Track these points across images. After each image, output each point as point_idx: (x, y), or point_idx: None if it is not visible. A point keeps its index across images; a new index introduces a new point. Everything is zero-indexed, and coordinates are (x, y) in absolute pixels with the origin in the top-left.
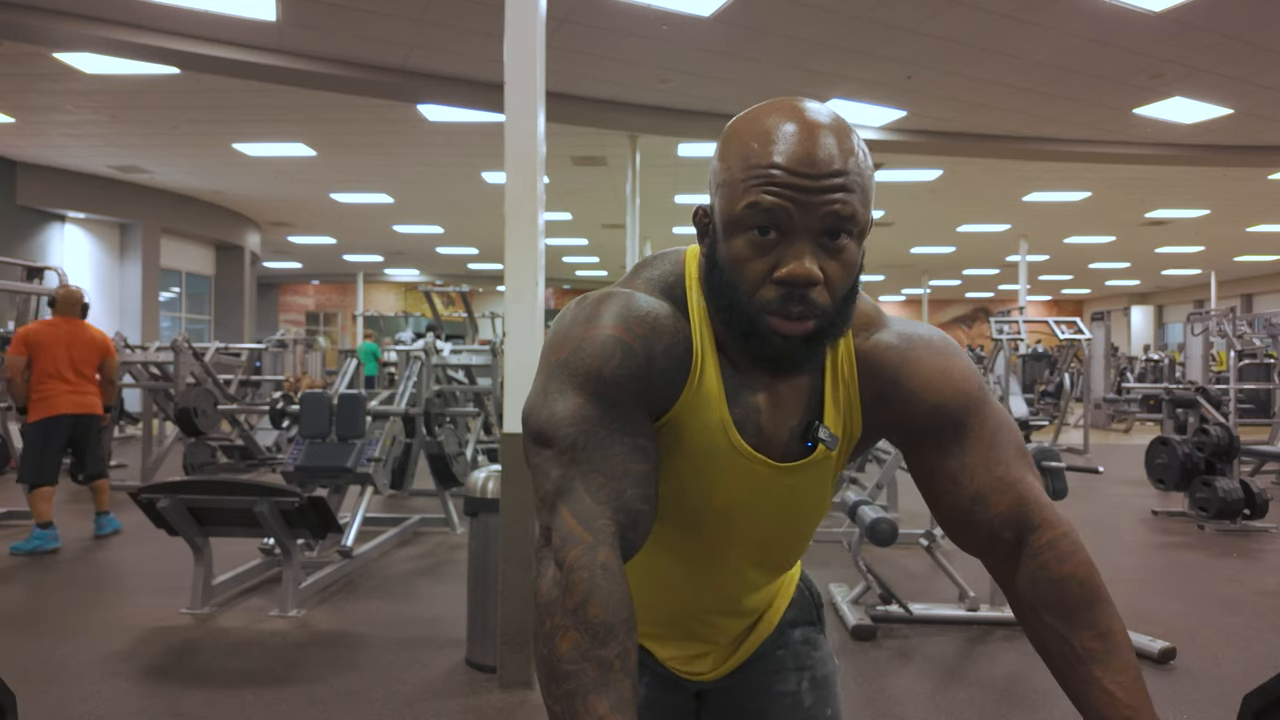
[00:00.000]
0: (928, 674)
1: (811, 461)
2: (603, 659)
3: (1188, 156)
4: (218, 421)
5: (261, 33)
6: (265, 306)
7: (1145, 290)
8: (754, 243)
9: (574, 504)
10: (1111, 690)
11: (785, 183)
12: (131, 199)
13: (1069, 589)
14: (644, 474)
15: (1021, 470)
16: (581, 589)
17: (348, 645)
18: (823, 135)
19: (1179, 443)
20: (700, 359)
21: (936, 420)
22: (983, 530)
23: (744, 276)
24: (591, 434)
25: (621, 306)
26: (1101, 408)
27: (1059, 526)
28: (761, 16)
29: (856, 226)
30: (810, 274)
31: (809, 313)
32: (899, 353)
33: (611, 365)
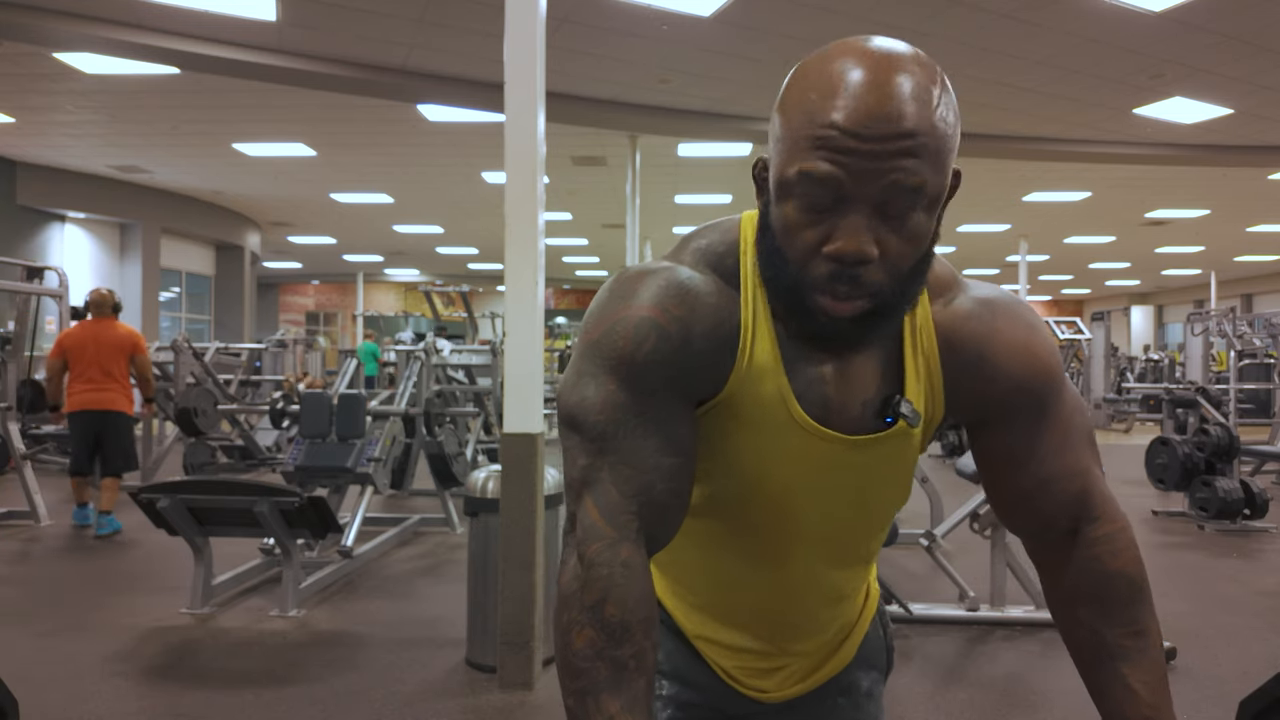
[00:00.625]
0: (928, 674)
1: (888, 437)
2: (617, 659)
3: (1188, 156)
4: (218, 421)
5: (261, 33)
6: (265, 306)
7: (1145, 290)
8: (806, 210)
9: (599, 496)
10: (1135, 689)
11: (842, 146)
12: (131, 199)
13: (1117, 584)
14: (675, 467)
15: (1090, 460)
16: (600, 586)
17: (348, 645)
18: (893, 86)
19: (1179, 443)
20: (750, 332)
21: (1017, 399)
22: (1041, 516)
23: (793, 246)
24: (622, 423)
25: (660, 284)
26: (1101, 408)
27: (1118, 521)
28: (761, 16)
29: (924, 197)
30: (862, 252)
31: (858, 293)
32: (984, 324)
33: (644, 350)
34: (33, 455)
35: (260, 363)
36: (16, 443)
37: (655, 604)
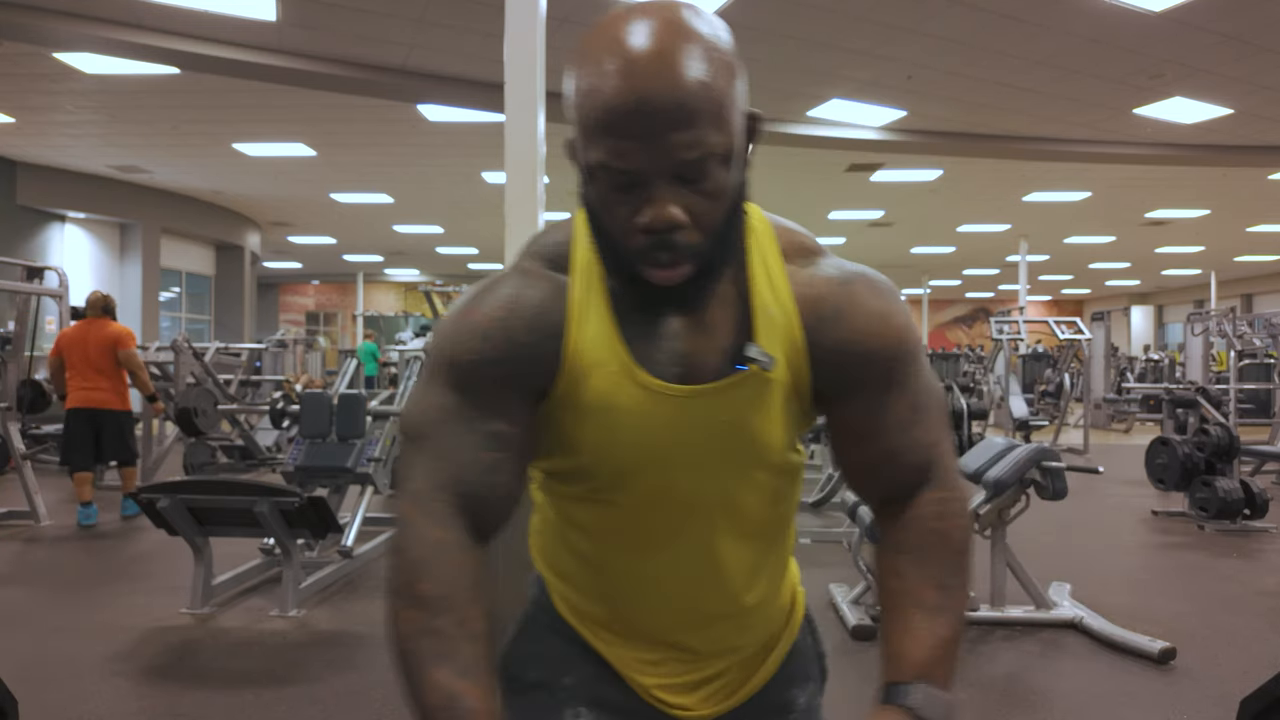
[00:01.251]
0: None
1: (741, 382)
2: (438, 628)
3: (1188, 156)
4: (218, 421)
5: (261, 33)
6: (265, 306)
7: (1145, 290)
8: (612, 190)
9: (411, 489)
10: (920, 635)
11: (618, 135)
12: (131, 199)
13: (935, 541)
14: (495, 461)
15: (939, 433)
16: (410, 568)
17: (348, 645)
18: (650, 63)
19: (1179, 443)
20: (578, 315)
21: (868, 366)
22: (887, 485)
23: (612, 222)
24: (441, 422)
25: (482, 291)
26: (1101, 408)
27: (955, 491)
28: (761, 16)
29: (713, 158)
30: (669, 219)
31: (678, 258)
32: (843, 286)
33: (465, 353)
34: (33, 455)
35: (260, 363)
36: (16, 443)
37: (478, 576)
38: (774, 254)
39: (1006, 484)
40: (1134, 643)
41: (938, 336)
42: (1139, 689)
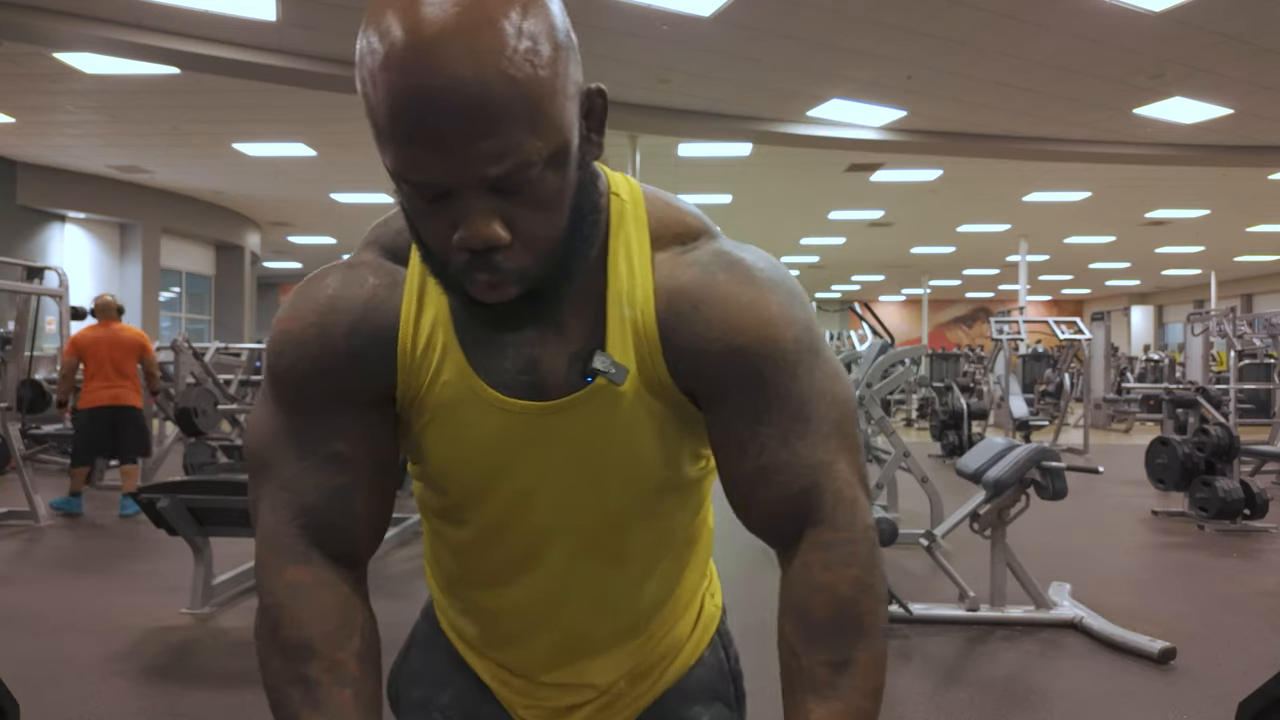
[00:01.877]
0: (928, 674)
1: (589, 397)
2: (305, 677)
3: (1188, 156)
4: (218, 421)
5: (262, 33)
6: (265, 306)
7: (1145, 290)
8: (421, 201)
9: (261, 525)
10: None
11: (410, 139)
12: (131, 199)
13: (819, 601)
14: (343, 486)
15: (829, 452)
16: (271, 615)
17: None
18: (439, 47)
19: (1179, 443)
20: (413, 314)
21: (731, 367)
22: (761, 511)
23: (427, 235)
24: (277, 446)
25: (301, 290)
26: (1101, 408)
27: (844, 530)
28: (761, 16)
29: (534, 165)
30: (483, 238)
31: (499, 279)
32: (707, 273)
33: (284, 364)
34: (33, 455)
35: (260, 363)
36: (16, 443)
37: (348, 614)
38: (641, 242)
39: (1006, 484)
40: (1134, 643)
41: (938, 336)
42: (1139, 689)
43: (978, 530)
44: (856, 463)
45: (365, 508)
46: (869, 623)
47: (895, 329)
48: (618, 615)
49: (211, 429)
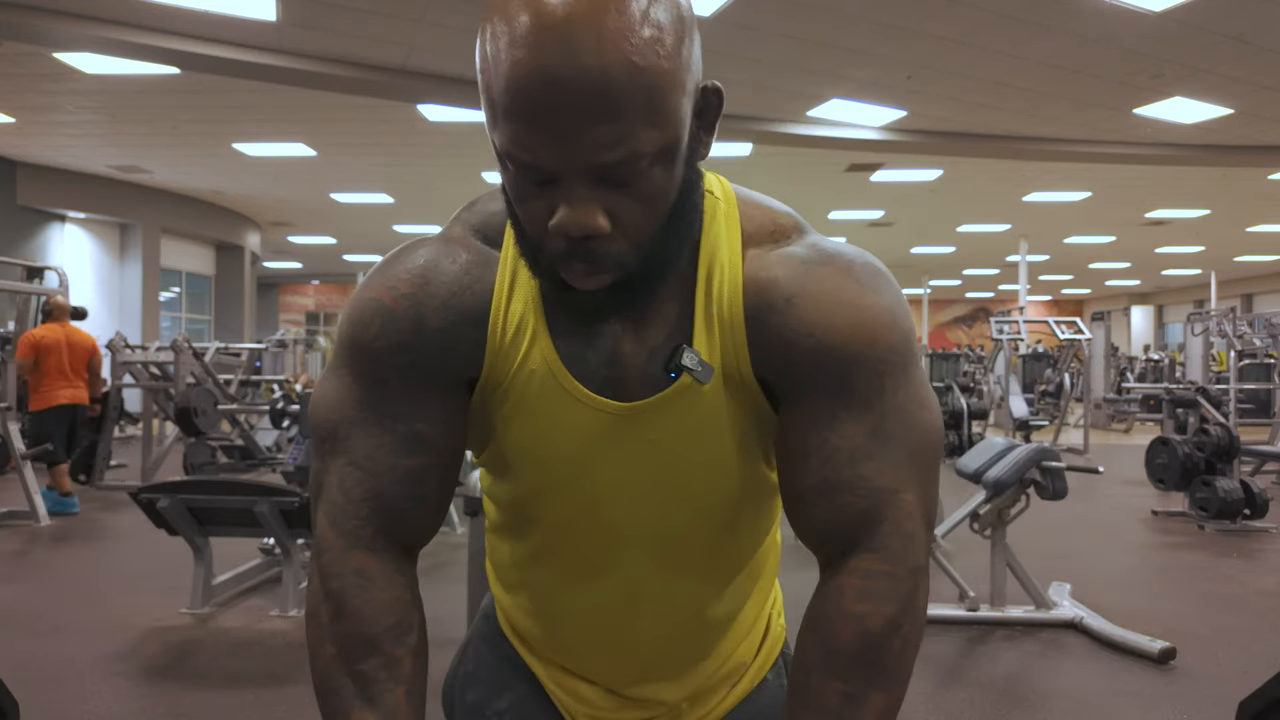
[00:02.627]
0: (928, 674)
1: (673, 397)
2: (362, 673)
3: (1188, 156)
4: (218, 421)
5: (261, 33)
6: (265, 306)
7: (1145, 290)
8: (525, 182)
9: (327, 503)
10: None
11: (527, 119)
12: (131, 199)
13: (846, 629)
14: (415, 469)
15: (899, 480)
16: (334, 600)
17: None
18: (566, 32)
19: (1179, 443)
20: (505, 298)
21: (819, 365)
22: (812, 527)
23: (526, 216)
24: (351, 420)
25: (392, 261)
26: (1101, 408)
27: (897, 565)
28: (761, 16)
29: (644, 157)
30: (585, 226)
31: (597, 268)
32: (803, 267)
33: (370, 336)
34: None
35: (260, 363)
36: (16, 442)
37: (407, 609)
38: (733, 238)
39: (1006, 484)
40: (1134, 643)
41: (938, 336)
42: (1139, 689)
43: (978, 530)
44: (927, 498)
45: (436, 495)
46: (891, 665)
47: None
48: (686, 630)
49: (211, 429)
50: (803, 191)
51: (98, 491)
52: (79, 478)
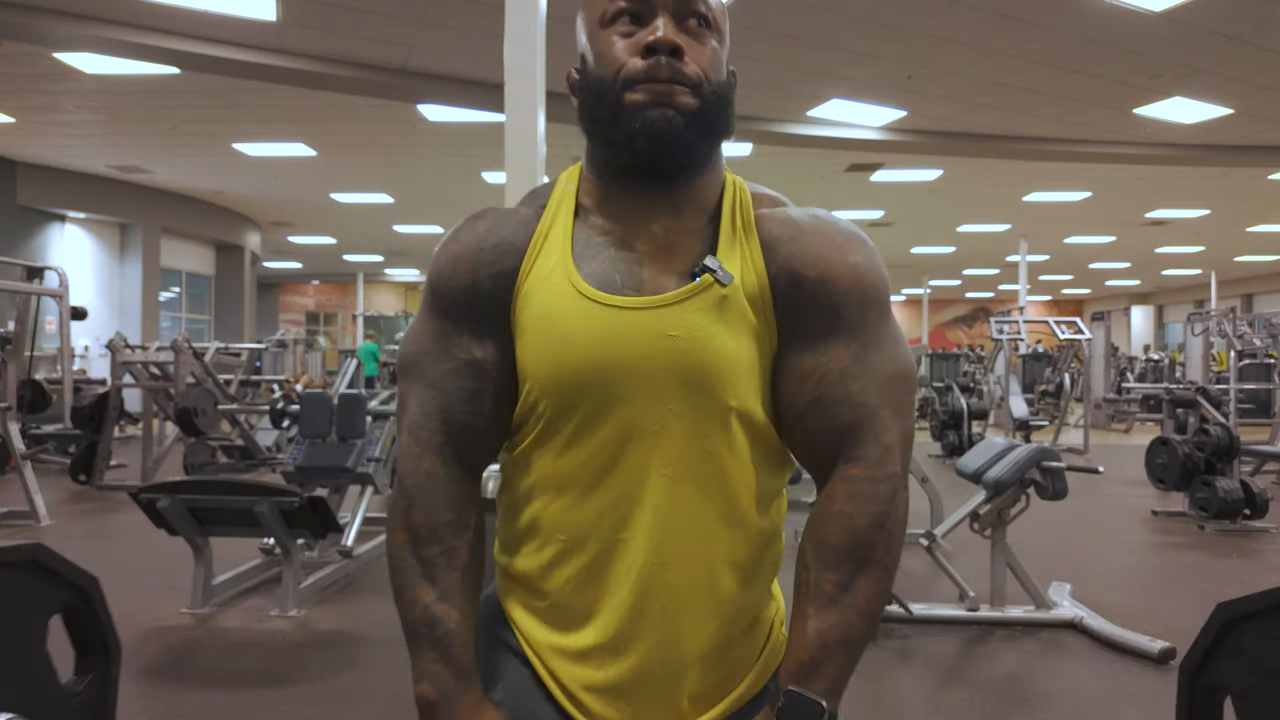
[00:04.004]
0: (928, 674)
1: (697, 294)
2: (426, 556)
3: (1188, 156)
4: (218, 421)
5: (262, 33)
6: (265, 306)
7: (1145, 290)
8: (617, 31)
9: (407, 416)
10: (809, 634)
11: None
12: (131, 199)
13: (837, 528)
14: (474, 390)
15: (881, 399)
16: (408, 495)
17: (348, 645)
18: None
19: (1179, 443)
20: (548, 221)
21: (818, 297)
22: (811, 441)
23: (610, 63)
24: (427, 351)
25: (464, 223)
26: (1102, 408)
27: (877, 470)
28: (762, 16)
29: (713, 30)
30: (671, 39)
31: (679, 78)
32: (807, 217)
33: (443, 276)
34: (33, 455)
35: (260, 363)
36: (17, 442)
37: (466, 507)
38: (745, 196)
39: (1006, 484)
40: (1134, 643)
41: (938, 336)
42: (1139, 689)
43: (978, 530)
44: (902, 419)
45: (492, 413)
46: (877, 556)
47: None
48: (700, 561)
49: (211, 429)
50: (803, 191)
51: (98, 491)
52: (79, 477)
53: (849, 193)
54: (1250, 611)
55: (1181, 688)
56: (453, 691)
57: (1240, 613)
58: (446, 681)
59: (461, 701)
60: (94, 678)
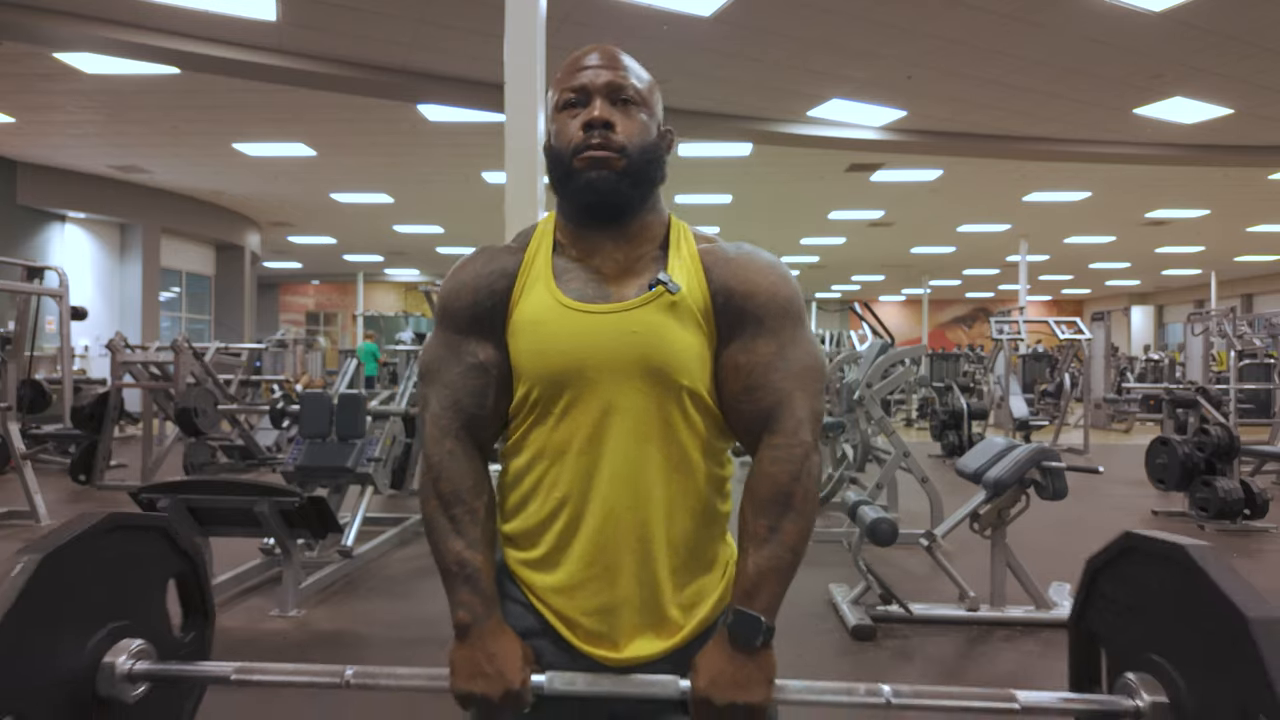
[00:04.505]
0: (928, 674)
1: (652, 300)
2: (454, 515)
3: (1188, 156)
4: (218, 421)
5: (262, 33)
6: (265, 306)
7: (1145, 290)
8: (569, 111)
9: (429, 409)
10: (747, 567)
11: (581, 66)
12: (132, 199)
13: (764, 484)
14: (479, 386)
15: (794, 386)
16: (434, 469)
17: (348, 645)
18: (601, 49)
19: (1179, 443)
20: (532, 254)
21: (745, 307)
22: (743, 419)
23: (564, 137)
24: (442, 358)
25: (469, 257)
26: (1102, 408)
27: (792, 439)
28: (762, 16)
29: (639, 105)
30: (603, 115)
31: (610, 146)
32: (734, 246)
33: (450, 297)
34: (33, 455)
35: (260, 363)
36: (17, 442)
37: (481, 476)
38: (688, 232)
39: (1006, 484)
40: None
41: (938, 336)
42: None
43: (978, 530)
44: (811, 403)
45: (494, 405)
46: (795, 503)
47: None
48: (665, 509)
49: (211, 429)
50: (803, 191)
51: (98, 491)
52: (79, 477)
53: (849, 193)
54: (1106, 561)
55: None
56: (481, 615)
57: (1100, 563)
58: (476, 608)
59: (487, 623)
60: (195, 636)
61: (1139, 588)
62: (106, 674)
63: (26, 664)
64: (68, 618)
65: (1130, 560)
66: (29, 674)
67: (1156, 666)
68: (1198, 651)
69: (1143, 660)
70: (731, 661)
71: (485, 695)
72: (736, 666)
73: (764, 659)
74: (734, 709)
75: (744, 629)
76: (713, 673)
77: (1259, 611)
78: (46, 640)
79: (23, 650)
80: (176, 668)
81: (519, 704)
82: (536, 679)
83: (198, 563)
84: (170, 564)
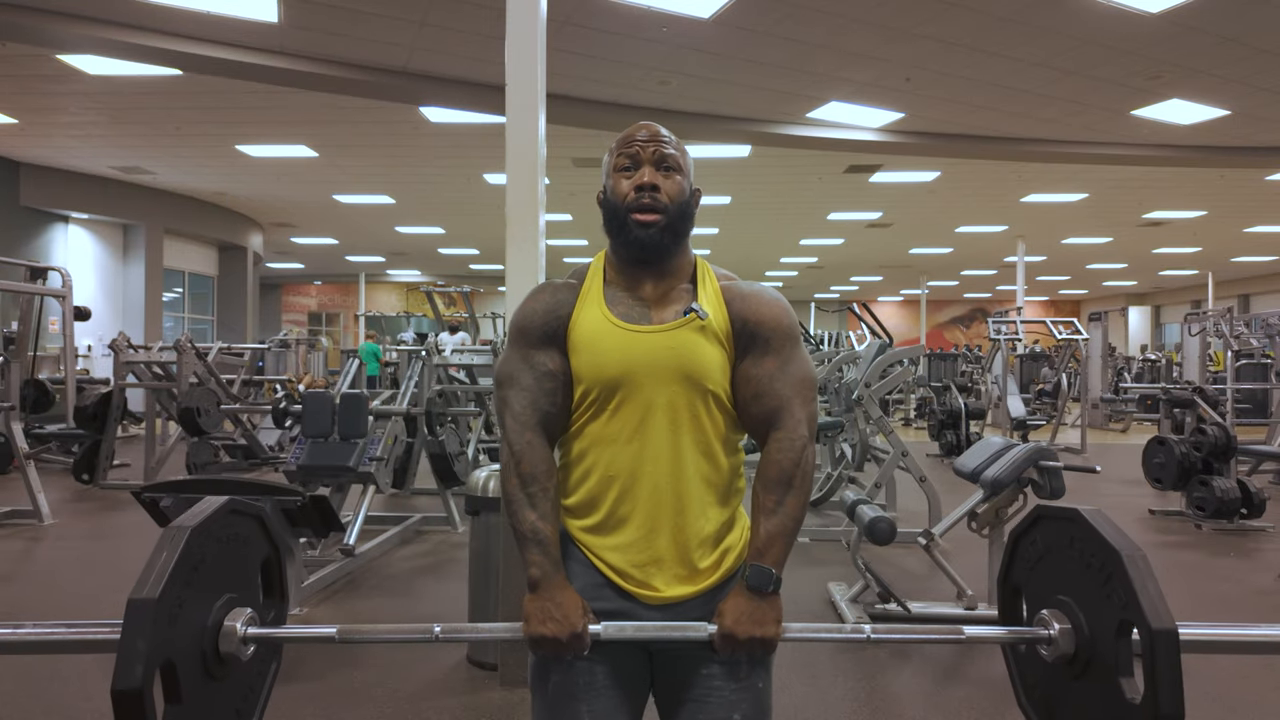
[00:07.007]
0: (926, 673)
1: (685, 324)
2: (530, 492)
3: (1185, 158)
4: (220, 421)
5: (264, 35)
6: (268, 306)
7: (1142, 291)
8: (623, 175)
9: (510, 409)
10: (759, 532)
11: (633, 140)
12: (134, 200)
13: (771, 468)
14: (551, 389)
15: (793, 394)
16: (516, 454)
17: (349, 644)
18: (651, 126)
19: (1176, 442)
20: (588, 287)
21: (757, 332)
22: (753, 418)
23: (620, 193)
24: (518, 367)
25: (538, 289)
26: (1099, 408)
27: (793, 434)
28: (761, 18)
29: (678, 170)
30: (652, 179)
31: (656, 206)
32: (748, 285)
33: (525, 320)
34: (36, 454)
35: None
36: (20, 442)
37: (551, 464)
38: (710, 271)
39: (1004, 483)
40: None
41: (935, 336)
42: None
43: (976, 529)
44: (808, 406)
45: (562, 404)
46: (797, 483)
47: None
48: (696, 487)
49: (214, 428)
50: (802, 192)
51: (101, 491)
52: (82, 477)
53: (848, 194)
54: (1023, 530)
55: (999, 594)
56: (550, 573)
57: (1019, 531)
58: (546, 566)
59: (555, 580)
60: (275, 614)
61: (1046, 546)
62: (229, 635)
63: (177, 620)
64: (200, 586)
65: (1040, 527)
66: (180, 628)
67: (1062, 603)
68: (1091, 587)
69: (1052, 600)
70: (750, 604)
71: (555, 636)
72: (754, 608)
73: (775, 602)
74: (752, 641)
75: (759, 579)
76: (736, 614)
77: (1128, 549)
78: (190, 601)
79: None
80: (285, 631)
81: (581, 645)
82: (593, 628)
83: (282, 550)
84: (263, 549)
